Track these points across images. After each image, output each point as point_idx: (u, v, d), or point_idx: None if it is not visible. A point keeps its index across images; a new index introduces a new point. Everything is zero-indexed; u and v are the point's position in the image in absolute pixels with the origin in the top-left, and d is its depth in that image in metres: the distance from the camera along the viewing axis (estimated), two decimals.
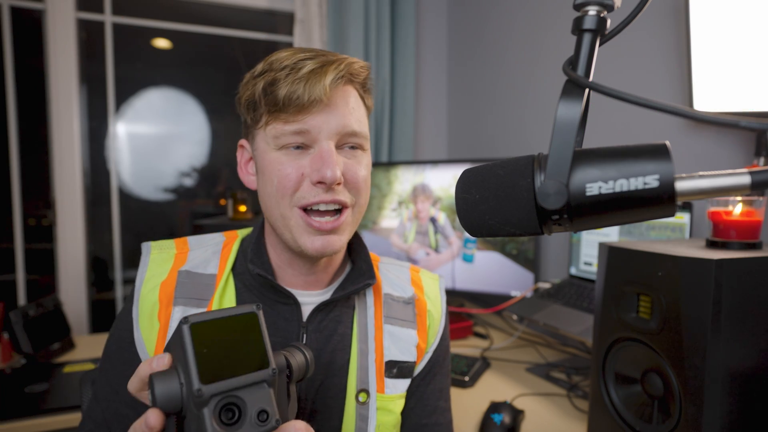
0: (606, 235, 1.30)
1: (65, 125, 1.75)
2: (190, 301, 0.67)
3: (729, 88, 1.05)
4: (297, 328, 0.68)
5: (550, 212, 0.35)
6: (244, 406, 0.42)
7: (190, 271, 0.69)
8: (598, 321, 0.83)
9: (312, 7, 1.88)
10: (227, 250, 0.73)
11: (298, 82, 0.60)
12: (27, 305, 1.45)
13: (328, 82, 0.60)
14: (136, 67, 2.02)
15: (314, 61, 0.62)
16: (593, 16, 0.36)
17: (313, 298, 0.71)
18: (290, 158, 0.63)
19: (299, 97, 0.60)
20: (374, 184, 1.74)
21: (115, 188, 1.91)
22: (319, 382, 0.68)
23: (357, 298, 0.75)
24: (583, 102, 0.35)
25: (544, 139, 1.64)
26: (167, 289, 0.67)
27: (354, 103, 0.66)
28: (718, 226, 0.76)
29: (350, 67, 0.65)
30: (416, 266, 0.85)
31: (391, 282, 0.79)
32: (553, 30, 1.62)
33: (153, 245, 0.71)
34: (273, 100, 0.62)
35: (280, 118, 0.62)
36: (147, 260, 0.69)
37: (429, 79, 2.23)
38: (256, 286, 0.69)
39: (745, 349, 0.65)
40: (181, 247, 0.72)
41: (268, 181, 0.65)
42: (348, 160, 0.65)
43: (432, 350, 0.77)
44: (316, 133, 0.63)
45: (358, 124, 0.66)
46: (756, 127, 0.31)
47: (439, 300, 0.81)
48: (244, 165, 0.72)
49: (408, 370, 0.74)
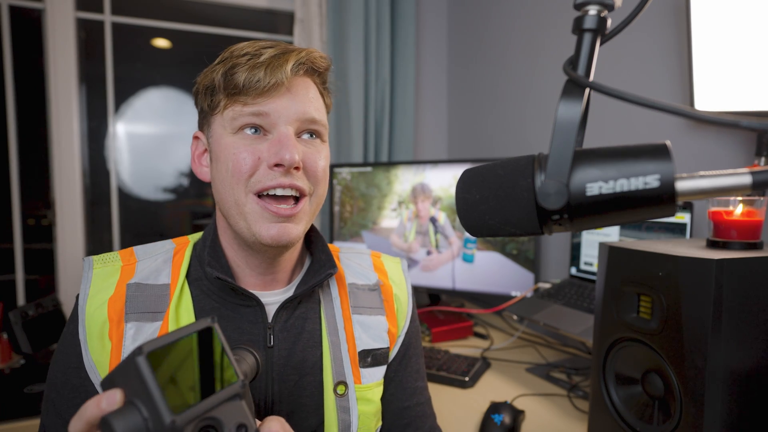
0: (606, 235, 1.30)
1: (65, 125, 1.75)
2: (144, 315, 0.63)
3: (730, 88, 1.05)
4: (263, 330, 0.66)
5: (550, 212, 0.35)
6: (220, 425, 0.40)
7: (141, 283, 0.65)
8: (598, 321, 0.83)
9: (312, 6, 1.88)
10: (179, 256, 0.69)
11: (259, 67, 0.60)
12: (26, 305, 1.45)
13: (289, 68, 0.60)
14: (136, 66, 2.01)
15: (274, 49, 0.62)
16: (594, 16, 0.36)
17: (276, 297, 0.69)
18: (246, 142, 0.62)
19: (259, 80, 0.60)
20: (374, 184, 1.74)
21: (115, 188, 1.91)
22: (292, 382, 0.67)
23: (321, 292, 0.73)
24: (584, 102, 0.35)
25: (544, 139, 1.64)
26: (116, 305, 0.63)
27: (313, 95, 0.66)
28: (718, 226, 0.76)
29: (311, 55, 0.64)
30: (377, 252, 0.84)
31: (354, 270, 0.78)
32: (553, 30, 1.62)
33: (95, 259, 0.67)
34: (232, 83, 0.61)
35: (239, 101, 0.61)
36: (90, 275, 0.65)
37: (429, 79, 2.23)
38: (215, 291, 0.66)
39: (746, 349, 0.65)
40: (127, 258, 0.68)
41: (222, 167, 0.63)
42: (307, 149, 0.64)
43: (404, 333, 0.78)
44: (275, 117, 0.62)
45: (317, 112, 0.65)
46: (757, 126, 0.30)
47: (404, 282, 0.81)
48: (197, 157, 0.70)
49: (382, 356, 0.74)
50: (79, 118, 1.79)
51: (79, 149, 1.79)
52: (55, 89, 1.73)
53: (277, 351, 0.67)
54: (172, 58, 2.11)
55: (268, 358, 0.66)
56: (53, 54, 1.72)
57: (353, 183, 1.77)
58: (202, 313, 0.65)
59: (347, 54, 1.93)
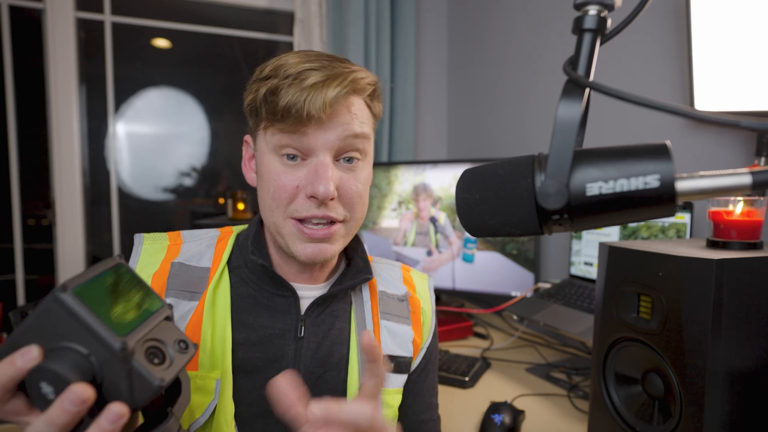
0: (606, 235, 1.30)
1: (65, 125, 1.75)
2: (182, 293, 0.66)
3: (730, 88, 1.05)
4: (295, 321, 0.68)
5: (550, 212, 0.35)
6: (163, 344, 0.41)
7: (183, 263, 0.69)
8: (598, 321, 0.83)
9: (312, 6, 1.88)
10: (222, 244, 0.72)
11: (299, 95, 0.59)
12: (26, 305, 1.45)
13: (329, 98, 0.59)
14: (136, 66, 2.01)
15: (319, 73, 0.60)
16: (594, 16, 0.36)
17: (311, 292, 0.71)
18: (287, 169, 0.63)
19: (298, 111, 0.59)
20: (374, 185, 1.74)
21: (115, 188, 1.91)
22: (317, 375, 0.68)
23: (353, 295, 0.75)
24: (584, 102, 0.35)
25: (544, 139, 1.64)
26: (159, 280, 0.66)
27: (357, 109, 0.64)
28: (718, 226, 0.76)
29: (355, 83, 0.62)
30: (406, 265, 0.86)
31: (385, 280, 0.80)
32: (553, 30, 1.62)
33: (146, 236, 0.71)
34: (272, 109, 0.60)
35: (278, 128, 0.61)
36: (139, 250, 0.69)
37: (429, 79, 2.23)
38: (253, 279, 0.69)
39: (746, 349, 0.65)
40: (174, 239, 0.72)
41: (265, 188, 0.65)
42: (344, 174, 0.64)
43: (426, 346, 0.79)
44: (313, 144, 0.62)
45: (360, 126, 0.64)
46: (757, 126, 0.30)
47: (429, 298, 0.83)
48: (248, 161, 0.72)
49: (405, 365, 0.75)
50: (79, 118, 1.79)
51: (79, 149, 1.79)
52: (55, 89, 1.73)
53: (306, 343, 0.68)
54: (172, 58, 2.11)
55: (297, 349, 0.68)
56: (53, 54, 1.72)
57: None
58: (239, 299, 0.68)
59: (347, 54, 1.93)
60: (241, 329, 0.67)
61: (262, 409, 0.65)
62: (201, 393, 0.63)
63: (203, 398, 0.63)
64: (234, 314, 0.67)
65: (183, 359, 0.43)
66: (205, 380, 0.63)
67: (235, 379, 0.65)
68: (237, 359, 0.65)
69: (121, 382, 0.38)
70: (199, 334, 0.64)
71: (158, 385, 0.39)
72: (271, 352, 0.67)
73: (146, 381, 0.39)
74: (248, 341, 0.66)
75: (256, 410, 0.65)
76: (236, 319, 0.67)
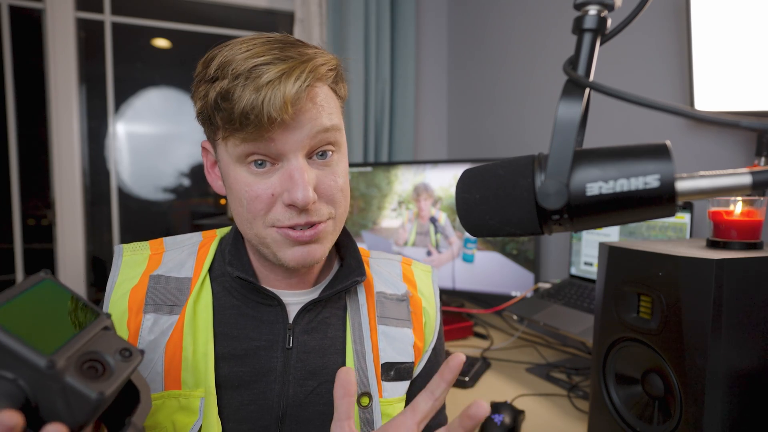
0: (606, 235, 1.30)
1: (65, 125, 1.75)
2: (162, 308, 0.62)
3: (730, 88, 1.05)
4: (282, 331, 0.64)
5: (550, 212, 0.35)
6: (101, 355, 0.39)
7: (163, 275, 0.64)
8: (598, 321, 0.83)
9: (312, 6, 1.88)
10: (204, 251, 0.68)
11: (255, 97, 0.51)
12: None
13: (290, 95, 0.52)
14: (136, 66, 2.02)
15: (273, 67, 0.53)
16: (594, 16, 0.36)
17: (299, 297, 0.67)
18: (257, 177, 0.57)
19: (257, 116, 0.51)
20: (374, 184, 1.74)
21: (115, 188, 1.91)
22: (310, 388, 0.64)
23: (348, 297, 0.70)
24: (584, 102, 0.35)
25: (544, 139, 1.64)
26: (137, 296, 0.62)
27: (323, 98, 0.58)
28: (718, 226, 0.76)
29: (316, 72, 0.55)
30: (408, 258, 0.80)
31: (383, 278, 0.75)
32: (553, 30, 1.62)
33: (125, 247, 0.66)
34: (227, 117, 0.53)
35: (239, 137, 0.55)
36: (119, 263, 0.64)
37: (429, 79, 2.23)
38: (236, 288, 0.65)
39: (746, 349, 0.65)
40: (156, 248, 0.67)
41: (236, 200, 0.59)
42: (320, 171, 0.59)
43: (431, 349, 0.75)
44: (281, 146, 0.55)
45: (329, 117, 0.58)
46: (757, 126, 0.30)
47: (432, 296, 0.77)
48: (210, 168, 0.66)
49: (406, 371, 0.70)
50: (79, 118, 1.79)
51: (79, 149, 1.79)
52: (55, 89, 1.73)
53: (296, 354, 0.64)
54: (172, 58, 2.11)
55: (285, 361, 0.64)
56: (53, 54, 1.72)
57: (353, 183, 1.77)
58: (222, 311, 0.64)
59: (347, 54, 1.93)
60: (225, 342, 0.62)
61: (253, 425, 0.61)
62: (185, 413, 0.59)
63: (188, 418, 0.59)
64: (217, 327, 0.63)
65: (127, 367, 0.40)
66: (189, 399, 0.59)
67: (221, 396, 0.61)
68: (222, 374, 0.61)
69: (57, 401, 0.36)
70: (180, 351, 0.60)
71: (96, 398, 0.36)
72: (258, 365, 0.62)
73: (83, 396, 0.36)
74: (233, 355, 0.62)
75: (247, 427, 0.61)
76: (219, 332, 0.62)
